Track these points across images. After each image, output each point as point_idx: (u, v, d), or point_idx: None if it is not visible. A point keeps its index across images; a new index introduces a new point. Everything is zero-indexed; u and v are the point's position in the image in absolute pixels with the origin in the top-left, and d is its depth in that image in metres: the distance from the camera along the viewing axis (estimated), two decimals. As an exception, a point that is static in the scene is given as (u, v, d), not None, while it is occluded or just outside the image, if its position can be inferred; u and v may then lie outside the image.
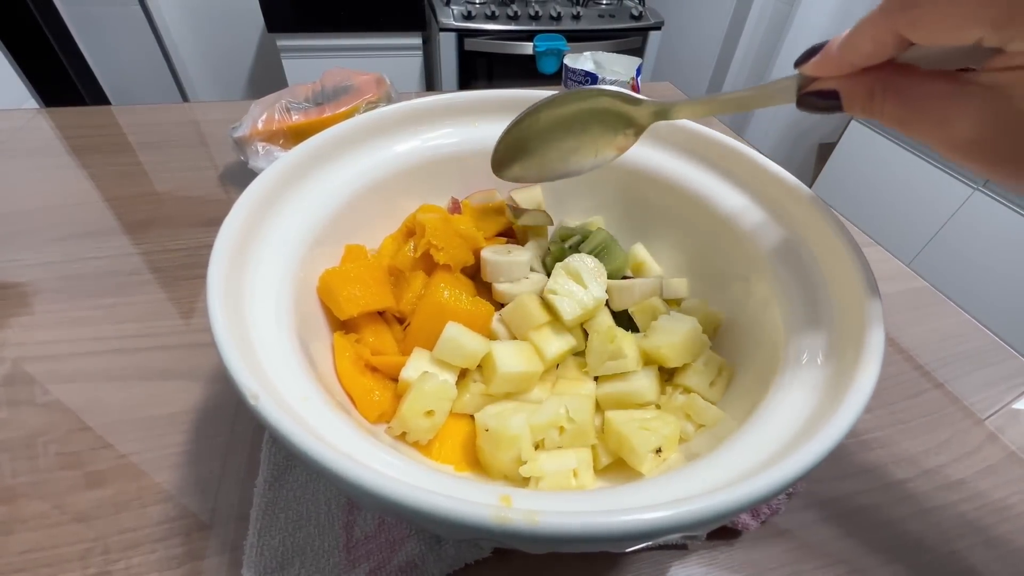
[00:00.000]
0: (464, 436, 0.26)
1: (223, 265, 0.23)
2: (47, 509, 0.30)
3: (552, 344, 0.28)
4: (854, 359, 0.20)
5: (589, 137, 0.30)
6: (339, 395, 0.25)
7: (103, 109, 0.73)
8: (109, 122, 0.70)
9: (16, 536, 0.29)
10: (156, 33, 1.62)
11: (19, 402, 0.36)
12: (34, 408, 0.35)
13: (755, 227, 0.31)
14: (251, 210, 0.27)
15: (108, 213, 0.54)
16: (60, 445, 0.33)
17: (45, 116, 0.70)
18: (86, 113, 0.72)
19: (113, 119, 0.70)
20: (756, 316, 0.29)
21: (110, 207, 0.55)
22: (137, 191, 0.57)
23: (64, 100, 1.34)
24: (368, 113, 0.34)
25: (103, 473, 0.32)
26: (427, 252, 0.31)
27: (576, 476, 0.24)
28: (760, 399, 0.23)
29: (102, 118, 0.71)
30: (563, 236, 0.34)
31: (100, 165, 0.61)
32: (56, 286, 0.45)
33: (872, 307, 0.21)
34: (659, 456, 0.23)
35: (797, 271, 0.28)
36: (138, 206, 0.55)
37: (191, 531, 0.29)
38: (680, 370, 0.28)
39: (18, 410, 0.35)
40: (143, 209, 0.54)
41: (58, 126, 0.68)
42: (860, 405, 0.18)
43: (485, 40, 1.53)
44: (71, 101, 1.37)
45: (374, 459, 0.19)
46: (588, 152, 0.31)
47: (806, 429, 0.19)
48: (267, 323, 0.24)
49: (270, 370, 0.21)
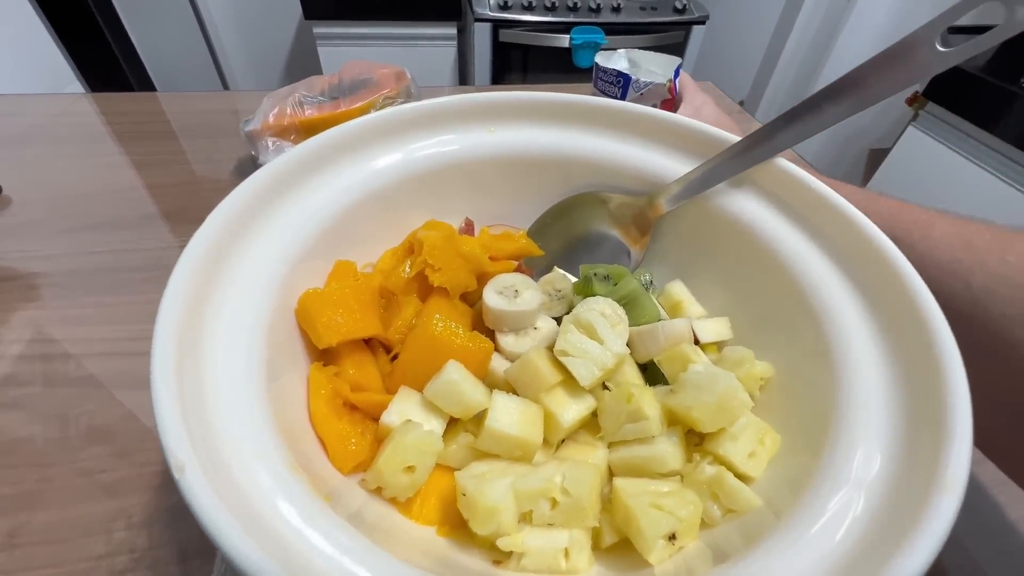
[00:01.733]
0: (449, 491, 0.23)
1: (183, 287, 0.20)
2: (42, 515, 0.29)
3: (569, 410, 0.24)
4: (931, 463, 0.16)
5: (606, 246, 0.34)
6: (310, 440, 0.22)
7: (148, 95, 0.73)
8: (152, 109, 0.70)
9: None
10: (199, 19, 1.64)
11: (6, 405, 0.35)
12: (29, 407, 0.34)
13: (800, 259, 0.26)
14: (228, 222, 0.24)
15: (128, 203, 0.53)
16: (59, 444, 0.32)
17: (88, 101, 0.70)
18: (129, 100, 0.72)
19: (157, 106, 0.70)
20: (803, 370, 0.24)
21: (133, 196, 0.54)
22: (164, 180, 0.56)
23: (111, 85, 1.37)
24: (375, 114, 0.31)
25: (102, 478, 0.30)
26: (423, 274, 0.27)
27: (567, 557, 0.20)
28: (805, 486, 0.19)
29: (144, 104, 0.71)
30: (587, 274, 0.30)
31: (133, 153, 0.60)
32: (60, 280, 0.44)
33: (955, 390, 0.17)
34: (672, 544, 0.20)
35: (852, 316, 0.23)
36: (161, 196, 0.54)
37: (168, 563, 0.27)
38: (713, 435, 0.23)
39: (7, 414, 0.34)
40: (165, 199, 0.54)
41: (101, 111, 0.68)
42: (940, 536, 0.14)
43: (521, 31, 1.49)
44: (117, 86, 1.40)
45: (326, 543, 0.16)
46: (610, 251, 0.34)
47: (867, 547, 0.15)
48: (233, 356, 0.21)
49: (221, 421, 0.18)
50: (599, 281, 0.30)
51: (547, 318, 0.29)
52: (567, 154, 0.33)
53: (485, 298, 0.28)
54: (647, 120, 0.32)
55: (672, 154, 0.32)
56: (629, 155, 0.32)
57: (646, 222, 0.32)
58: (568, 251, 0.34)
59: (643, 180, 0.32)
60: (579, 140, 0.33)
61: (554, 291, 0.31)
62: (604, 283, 0.30)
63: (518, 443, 0.23)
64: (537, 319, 0.28)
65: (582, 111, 0.33)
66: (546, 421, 0.24)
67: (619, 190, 0.33)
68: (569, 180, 0.34)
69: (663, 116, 0.32)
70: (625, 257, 0.33)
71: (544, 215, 0.35)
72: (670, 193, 0.31)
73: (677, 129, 0.31)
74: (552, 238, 0.35)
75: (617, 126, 0.33)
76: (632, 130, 0.32)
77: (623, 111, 0.33)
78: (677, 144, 0.32)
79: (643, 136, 0.32)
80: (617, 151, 0.33)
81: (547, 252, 0.34)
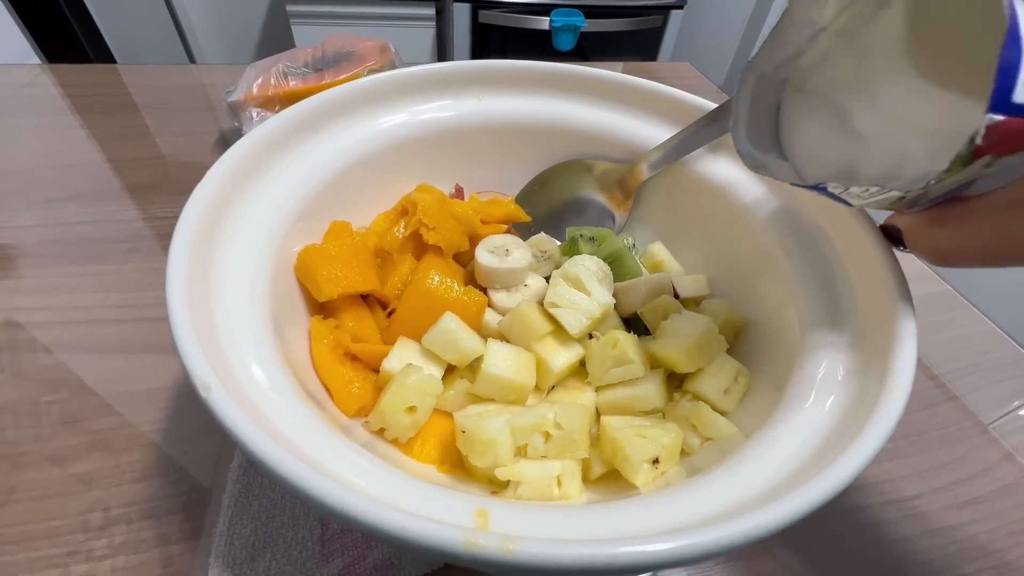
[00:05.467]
0: (447, 433, 0.24)
1: (189, 237, 0.21)
2: (11, 485, 0.29)
3: (559, 356, 0.25)
4: (880, 378, 0.18)
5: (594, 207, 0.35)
6: (314, 386, 0.23)
7: (108, 67, 0.71)
8: (113, 81, 0.67)
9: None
10: (164, -7, 1.57)
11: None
12: (4, 376, 0.34)
13: (770, 218, 0.28)
14: (229, 177, 0.25)
15: (102, 176, 0.52)
16: (31, 418, 0.32)
17: (48, 72, 0.67)
18: (90, 71, 0.69)
19: (118, 78, 0.68)
20: (772, 318, 0.26)
21: (107, 169, 0.53)
22: (135, 154, 0.55)
23: (69, 58, 1.31)
24: (365, 79, 0.32)
25: (73, 448, 0.30)
26: (417, 233, 0.28)
27: (560, 484, 0.22)
28: (772, 412, 0.21)
29: (106, 76, 0.68)
30: (573, 235, 0.31)
31: (100, 125, 0.59)
32: (39, 251, 0.43)
33: (903, 319, 0.19)
34: (656, 468, 0.21)
35: (817, 268, 0.25)
36: (134, 170, 0.53)
37: (161, 514, 0.28)
38: (692, 375, 0.25)
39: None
40: (139, 173, 0.52)
41: (61, 83, 0.66)
42: (884, 434, 0.16)
43: (500, 13, 1.48)
44: (76, 59, 1.34)
45: (342, 463, 0.17)
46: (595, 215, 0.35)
47: (822, 453, 0.17)
48: (239, 304, 0.22)
49: (235, 356, 0.19)
50: (585, 242, 0.31)
51: (537, 276, 0.31)
52: (553, 122, 0.35)
53: (477, 256, 0.29)
54: (629, 88, 0.34)
55: (654, 121, 0.33)
56: (613, 123, 0.34)
57: (629, 187, 0.34)
58: (554, 216, 0.36)
59: (626, 147, 0.34)
60: (564, 108, 0.35)
61: (540, 252, 0.32)
62: (589, 244, 0.31)
63: (513, 386, 0.24)
64: (527, 276, 0.30)
65: (567, 79, 0.34)
66: (538, 368, 0.26)
67: (603, 157, 0.35)
68: (555, 148, 0.36)
69: (644, 84, 0.33)
70: (609, 220, 0.35)
71: (531, 182, 0.36)
72: (651, 159, 0.32)
73: (658, 97, 0.33)
74: (539, 204, 0.36)
75: (601, 94, 0.34)
76: (615, 98, 0.34)
77: (606, 79, 0.34)
78: (659, 111, 0.33)
79: (625, 104, 0.34)
80: (601, 119, 0.34)
81: (534, 217, 0.35)
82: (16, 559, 0.26)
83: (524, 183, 0.37)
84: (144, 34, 1.59)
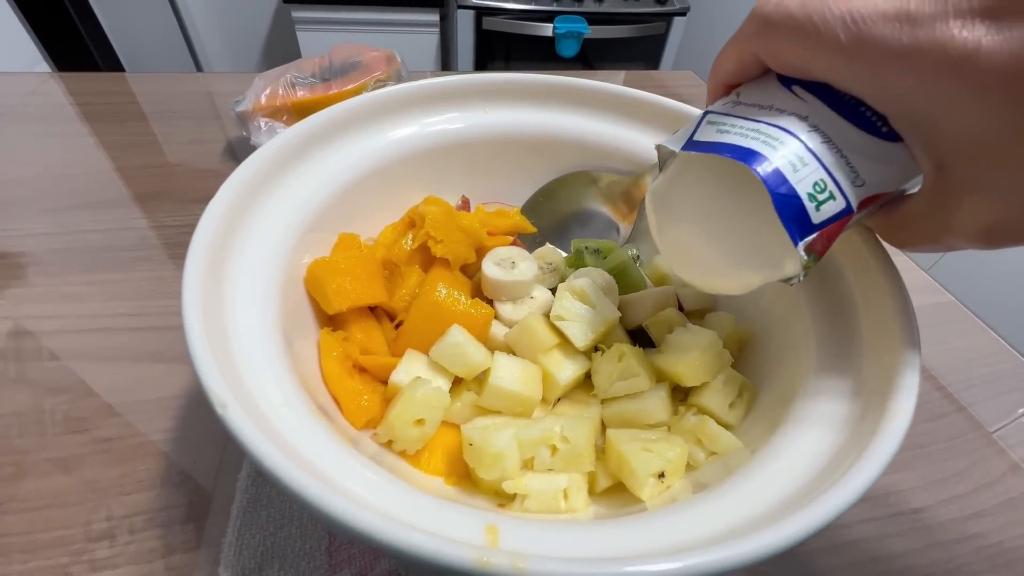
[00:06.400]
0: (455, 445, 0.25)
1: (203, 252, 0.21)
2: (18, 493, 0.29)
3: (565, 369, 0.26)
4: (885, 395, 0.18)
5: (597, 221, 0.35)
6: (324, 398, 0.24)
7: (116, 76, 0.71)
8: (121, 89, 0.68)
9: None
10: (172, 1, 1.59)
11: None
12: (12, 386, 0.34)
13: None
14: (240, 192, 0.25)
15: (111, 184, 0.52)
16: (38, 426, 0.32)
17: (56, 80, 0.68)
18: (98, 79, 0.70)
19: (126, 86, 0.69)
20: (777, 332, 0.27)
21: (115, 177, 0.53)
22: (143, 162, 0.55)
23: (77, 65, 1.32)
24: (373, 93, 0.32)
25: (82, 458, 0.31)
26: (425, 246, 0.29)
27: (566, 498, 0.22)
28: (777, 428, 0.21)
29: (114, 85, 0.69)
30: (578, 247, 0.32)
31: (108, 134, 0.59)
32: (48, 259, 0.44)
33: (906, 341, 0.19)
34: (662, 482, 0.22)
35: (821, 283, 0.25)
36: (142, 178, 0.53)
37: (170, 523, 0.28)
38: (697, 389, 0.26)
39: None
40: (147, 181, 0.53)
41: (69, 91, 0.66)
42: (890, 452, 0.16)
43: (504, 19, 1.49)
44: (84, 66, 1.35)
45: (352, 477, 0.17)
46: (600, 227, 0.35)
47: (828, 473, 0.17)
48: (250, 317, 0.22)
49: (247, 371, 0.19)
50: (590, 254, 0.32)
51: (543, 288, 0.31)
52: (559, 134, 0.35)
53: (484, 269, 0.29)
54: (634, 101, 0.34)
55: (658, 133, 0.34)
56: (618, 135, 0.34)
57: (633, 199, 0.34)
58: (560, 227, 0.36)
59: (630, 159, 0.34)
60: (570, 120, 0.35)
61: (545, 264, 0.32)
62: (594, 256, 0.32)
63: (519, 399, 0.25)
64: (533, 289, 0.30)
65: (573, 92, 0.35)
66: (544, 380, 0.26)
67: (608, 169, 0.35)
68: (560, 160, 0.36)
69: (649, 98, 0.34)
70: (614, 232, 0.35)
71: (537, 193, 0.37)
72: (655, 171, 0.33)
73: (662, 110, 0.33)
74: (544, 215, 0.36)
75: (606, 106, 0.35)
76: (621, 110, 0.34)
77: (612, 92, 0.34)
78: (663, 124, 0.34)
79: (630, 116, 0.34)
80: (606, 131, 0.35)
81: (539, 229, 0.36)
82: (27, 567, 0.26)
83: (530, 194, 0.37)
84: (151, 40, 1.61)
